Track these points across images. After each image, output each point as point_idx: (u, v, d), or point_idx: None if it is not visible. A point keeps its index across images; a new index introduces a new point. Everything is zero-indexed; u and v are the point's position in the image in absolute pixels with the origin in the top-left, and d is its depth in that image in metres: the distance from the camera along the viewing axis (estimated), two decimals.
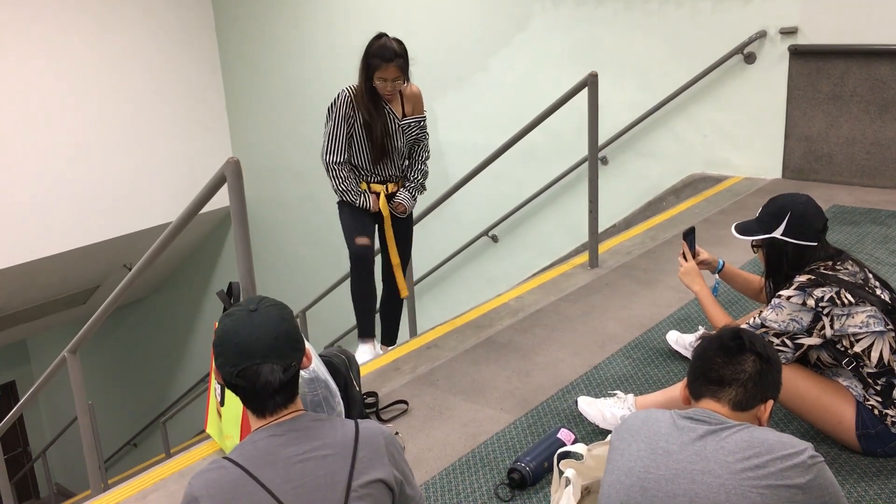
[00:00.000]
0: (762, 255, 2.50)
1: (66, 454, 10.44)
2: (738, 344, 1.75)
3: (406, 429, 2.82)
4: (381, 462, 1.63)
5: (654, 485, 1.64)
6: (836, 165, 5.26)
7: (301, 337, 1.68)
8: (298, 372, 1.66)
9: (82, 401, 3.82)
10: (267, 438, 1.59)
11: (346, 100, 3.47)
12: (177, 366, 10.12)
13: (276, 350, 1.60)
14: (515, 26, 6.26)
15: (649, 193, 5.88)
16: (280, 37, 7.86)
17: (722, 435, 1.64)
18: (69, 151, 7.31)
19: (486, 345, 3.46)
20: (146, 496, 2.61)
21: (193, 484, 1.55)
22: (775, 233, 2.40)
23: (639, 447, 1.70)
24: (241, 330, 1.61)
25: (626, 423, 1.80)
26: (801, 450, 1.61)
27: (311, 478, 1.55)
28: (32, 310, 8.84)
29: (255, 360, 1.59)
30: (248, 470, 1.54)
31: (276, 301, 1.72)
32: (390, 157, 3.61)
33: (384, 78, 3.38)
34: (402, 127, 3.57)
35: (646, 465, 1.67)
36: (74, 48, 7.29)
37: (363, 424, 1.68)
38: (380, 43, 3.40)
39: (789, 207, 2.40)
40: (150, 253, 3.01)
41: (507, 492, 2.39)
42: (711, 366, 1.75)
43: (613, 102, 5.68)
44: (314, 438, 1.60)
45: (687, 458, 1.63)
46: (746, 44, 5.26)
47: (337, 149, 3.51)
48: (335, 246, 4.01)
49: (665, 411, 1.77)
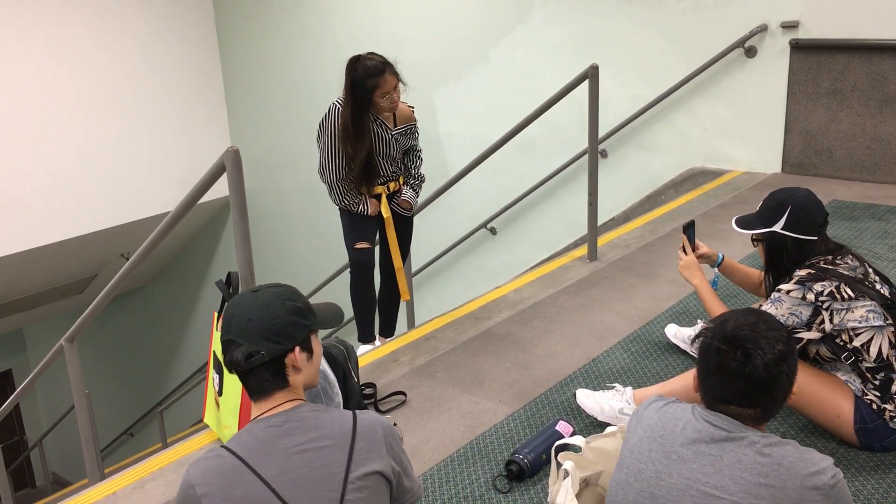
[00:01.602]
0: (762, 250, 2.50)
1: (63, 443, 10.46)
2: (743, 359, 1.59)
3: (404, 420, 2.81)
4: (379, 454, 1.62)
5: (665, 493, 1.59)
6: (836, 160, 5.25)
7: (288, 330, 1.64)
8: (279, 363, 1.63)
9: (80, 390, 3.81)
10: (264, 429, 1.59)
11: (337, 117, 3.39)
12: (174, 355, 10.12)
13: (246, 332, 1.63)
14: (516, 18, 6.24)
15: (649, 187, 5.87)
16: (280, 28, 7.83)
17: (741, 445, 1.57)
18: (67, 140, 7.28)
19: (484, 337, 3.46)
20: (144, 485, 2.60)
21: (190, 472, 1.54)
22: (776, 226, 2.40)
23: (651, 447, 1.65)
24: (234, 306, 1.68)
25: (643, 415, 1.74)
26: (822, 468, 1.54)
27: (307, 469, 1.54)
28: (30, 298, 8.84)
29: (230, 336, 1.64)
30: (244, 459, 1.54)
31: (283, 290, 1.70)
32: (383, 169, 3.58)
33: (386, 92, 3.30)
34: (395, 136, 3.54)
35: (658, 470, 1.62)
36: (74, 38, 7.26)
37: (361, 416, 1.67)
38: (363, 64, 3.27)
39: (790, 201, 2.39)
40: (149, 241, 3.00)
41: (504, 483, 2.39)
42: (722, 391, 1.63)
43: (613, 95, 5.67)
44: (312, 429, 1.60)
45: (701, 468, 1.57)
46: (747, 38, 5.25)
47: (334, 166, 3.47)
48: (333, 238, 4.01)
49: (685, 407, 1.70)
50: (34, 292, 8.71)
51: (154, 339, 10.39)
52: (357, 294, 3.76)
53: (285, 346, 1.64)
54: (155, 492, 2.56)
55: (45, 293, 8.91)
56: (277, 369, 1.64)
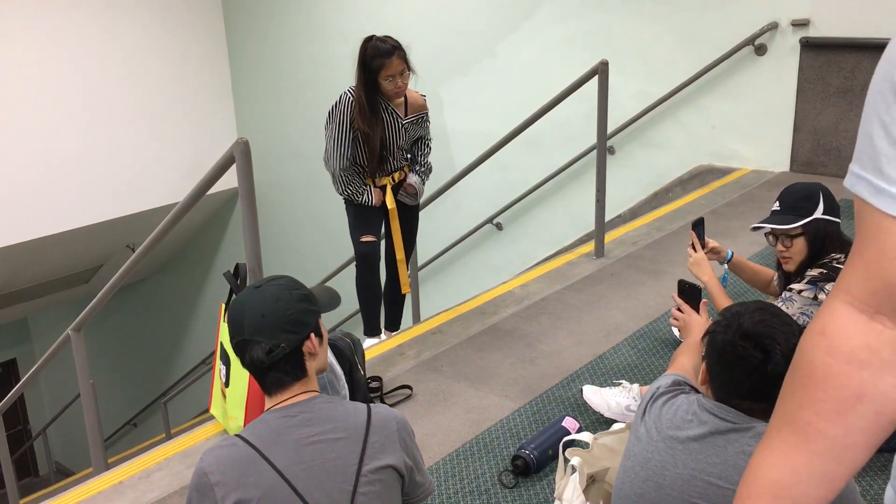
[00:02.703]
0: (801, 244, 2.40)
1: (66, 433, 10.48)
2: (763, 355, 1.58)
3: (410, 414, 2.81)
4: (393, 447, 1.63)
5: (670, 482, 1.60)
6: (845, 159, 5.22)
7: (302, 319, 1.65)
8: (298, 353, 1.64)
9: (86, 380, 3.81)
10: (279, 419, 1.59)
11: (348, 104, 3.42)
12: (178, 347, 10.14)
13: (262, 328, 1.62)
14: (524, 13, 6.22)
15: (656, 184, 5.86)
16: (287, 20, 7.82)
17: (746, 436, 1.57)
18: (73, 131, 7.29)
19: (490, 332, 3.46)
20: (150, 475, 2.61)
21: (205, 459, 1.55)
22: (816, 214, 2.37)
23: (658, 437, 1.66)
24: (241, 305, 1.67)
25: (650, 406, 1.74)
26: None
27: (321, 460, 1.55)
28: (35, 288, 8.85)
29: (244, 336, 1.63)
30: (258, 448, 1.54)
31: (286, 282, 1.71)
32: (392, 157, 3.58)
33: (391, 75, 3.32)
34: (405, 126, 3.54)
35: (663, 460, 1.62)
36: (82, 28, 7.26)
37: (376, 409, 1.67)
38: (372, 44, 3.32)
39: (816, 188, 2.39)
40: (158, 232, 3.00)
41: (510, 478, 2.38)
42: (739, 386, 1.62)
43: (621, 91, 5.65)
44: (326, 421, 1.60)
45: (706, 458, 1.58)
46: (757, 35, 5.22)
47: (341, 155, 3.48)
48: (339, 230, 4.01)
49: (690, 399, 1.69)
50: (40, 282, 8.73)
51: (158, 330, 10.40)
52: (363, 287, 3.75)
53: (302, 335, 1.65)
54: (161, 482, 2.56)
55: (51, 283, 8.93)
56: (297, 359, 1.65)
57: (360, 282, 3.74)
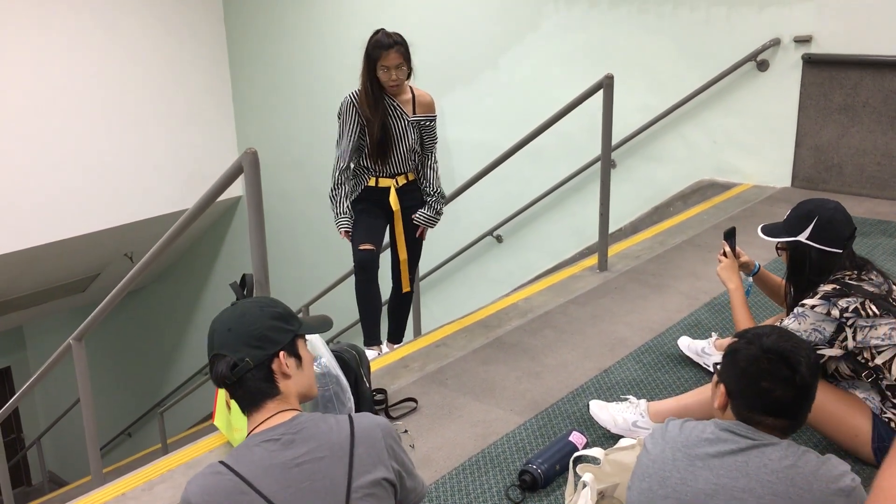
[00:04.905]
0: (786, 258, 2.48)
1: (60, 442, 10.42)
2: (789, 371, 1.64)
3: (415, 427, 2.79)
4: (381, 458, 1.60)
5: (692, 497, 1.59)
6: (846, 176, 5.24)
7: (270, 335, 1.63)
8: (268, 371, 1.61)
9: (86, 389, 3.79)
10: (261, 444, 1.56)
11: (348, 105, 3.52)
12: (175, 356, 10.09)
13: (227, 343, 1.62)
14: (527, 25, 6.24)
15: (657, 198, 5.86)
16: (288, 29, 7.83)
17: (766, 452, 1.60)
18: (72, 139, 7.27)
19: (494, 345, 3.44)
20: (153, 487, 2.58)
21: (189, 489, 1.52)
22: (801, 236, 2.38)
23: (675, 456, 1.66)
24: (214, 321, 1.68)
25: (665, 430, 1.76)
26: (844, 472, 1.60)
27: (309, 482, 1.52)
28: (31, 296, 8.81)
29: (212, 351, 1.63)
30: (244, 477, 1.51)
31: (262, 299, 1.71)
32: (396, 154, 3.59)
33: (387, 66, 3.41)
34: (412, 122, 3.55)
35: (683, 476, 1.62)
36: (82, 35, 7.25)
37: (358, 419, 1.64)
38: (377, 36, 3.47)
39: (817, 212, 2.38)
40: (162, 242, 2.98)
41: (518, 493, 2.36)
42: (764, 399, 1.66)
43: (624, 105, 5.62)
44: (310, 440, 1.56)
45: (727, 473, 1.59)
46: (760, 51, 5.24)
47: (343, 150, 3.57)
48: (338, 241, 3.99)
49: (705, 423, 1.72)
50: (36, 290, 8.68)
51: (155, 340, 10.36)
52: (362, 295, 3.72)
53: (269, 351, 1.62)
54: (164, 494, 2.53)
55: (47, 291, 8.89)
56: (266, 376, 1.61)
57: (358, 290, 3.72)
